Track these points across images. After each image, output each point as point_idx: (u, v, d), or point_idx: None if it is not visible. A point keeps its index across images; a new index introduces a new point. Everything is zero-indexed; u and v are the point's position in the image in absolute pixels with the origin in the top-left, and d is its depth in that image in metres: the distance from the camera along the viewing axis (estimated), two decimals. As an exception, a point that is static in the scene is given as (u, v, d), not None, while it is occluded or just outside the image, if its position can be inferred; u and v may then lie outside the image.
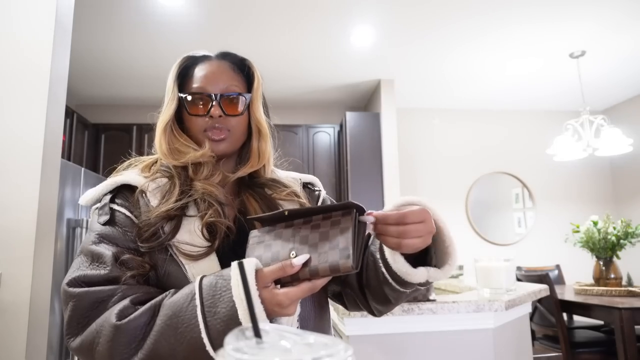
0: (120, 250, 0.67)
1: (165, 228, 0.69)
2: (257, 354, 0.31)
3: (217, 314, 0.55)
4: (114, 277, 0.64)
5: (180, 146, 0.78)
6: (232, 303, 0.55)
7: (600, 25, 3.25)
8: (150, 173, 0.78)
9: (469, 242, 4.81)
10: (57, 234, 2.57)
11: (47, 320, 1.49)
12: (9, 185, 1.41)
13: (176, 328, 0.56)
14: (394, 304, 0.76)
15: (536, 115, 5.14)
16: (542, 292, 1.89)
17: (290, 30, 3.27)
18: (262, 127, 0.83)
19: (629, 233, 2.78)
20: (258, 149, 0.83)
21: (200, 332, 0.55)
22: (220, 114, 0.77)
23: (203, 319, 0.55)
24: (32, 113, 1.47)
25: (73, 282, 0.64)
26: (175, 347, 0.56)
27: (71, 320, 0.62)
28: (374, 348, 1.41)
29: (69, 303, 0.62)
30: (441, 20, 3.15)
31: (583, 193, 5.08)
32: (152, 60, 3.66)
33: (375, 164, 4.18)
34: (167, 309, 0.58)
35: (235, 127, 0.80)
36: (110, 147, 4.25)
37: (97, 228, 0.70)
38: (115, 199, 0.74)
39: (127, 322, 0.58)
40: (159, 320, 0.58)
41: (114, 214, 0.71)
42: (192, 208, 0.73)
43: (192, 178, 0.76)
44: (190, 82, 0.80)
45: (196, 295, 0.57)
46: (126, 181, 0.75)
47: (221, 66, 0.81)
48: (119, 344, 0.57)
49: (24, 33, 1.51)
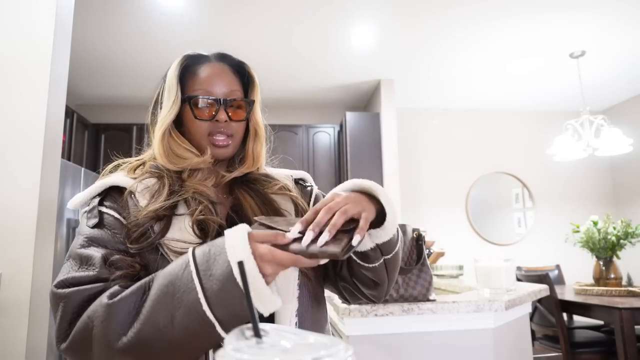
0: (109, 252, 0.66)
1: (155, 228, 0.69)
2: (257, 354, 0.31)
3: (213, 275, 0.56)
4: (104, 277, 0.63)
5: (181, 151, 0.78)
6: (227, 263, 0.55)
7: (600, 25, 3.25)
8: (137, 174, 0.76)
9: (469, 242, 4.81)
10: (57, 234, 2.57)
11: (47, 320, 1.49)
12: (9, 185, 1.41)
13: (173, 294, 0.57)
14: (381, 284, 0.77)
15: (536, 115, 5.14)
16: (542, 292, 1.89)
17: (290, 30, 3.27)
18: (260, 129, 0.84)
19: (629, 233, 2.78)
20: (253, 151, 0.84)
21: (197, 294, 0.55)
22: (226, 119, 0.78)
23: (199, 281, 0.56)
24: (32, 113, 1.47)
25: (61, 284, 0.62)
26: (172, 312, 0.56)
27: (62, 321, 0.61)
28: (374, 348, 1.41)
29: (58, 305, 0.61)
30: (441, 21, 3.15)
31: (583, 193, 5.08)
32: (152, 60, 3.66)
33: (375, 164, 4.18)
34: (162, 279, 0.59)
35: (237, 131, 0.81)
36: (110, 147, 4.25)
37: (86, 231, 0.69)
38: (103, 201, 0.73)
39: (118, 299, 0.58)
40: (153, 290, 0.58)
41: (102, 217, 0.70)
42: (182, 207, 0.72)
43: (184, 179, 0.76)
44: (191, 84, 0.79)
45: (190, 262, 0.58)
46: (114, 183, 0.74)
47: (222, 69, 0.81)
48: (114, 321, 0.57)
49: (24, 33, 1.51)
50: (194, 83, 0.79)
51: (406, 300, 1.41)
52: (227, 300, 0.55)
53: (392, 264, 0.76)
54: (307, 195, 0.90)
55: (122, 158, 0.84)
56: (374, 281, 0.76)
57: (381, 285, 0.77)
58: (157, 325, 0.56)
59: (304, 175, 0.94)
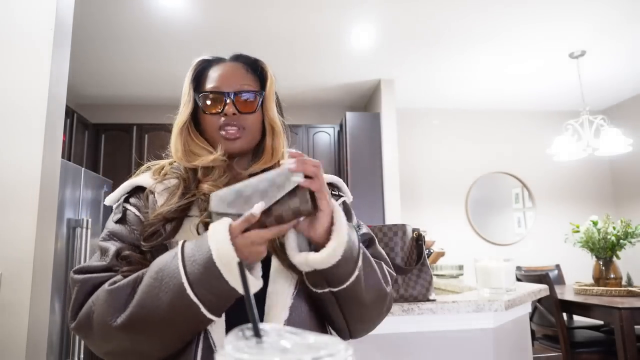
0: (124, 247, 0.73)
1: (167, 227, 0.73)
2: (257, 354, 0.31)
3: (196, 261, 0.62)
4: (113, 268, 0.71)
5: (195, 148, 0.81)
6: (208, 248, 0.61)
7: (600, 25, 3.25)
8: (160, 175, 0.81)
9: (469, 242, 4.81)
10: (57, 234, 2.57)
11: (47, 320, 1.49)
12: (9, 185, 1.41)
13: (161, 280, 0.63)
14: (335, 321, 0.75)
15: (536, 115, 5.14)
16: (542, 292, 1.88)
17: (290, 30, 3.27)
18: (276, 125, 0.85)
19: (628, 233, 2.78)
20: (272, 146, 0.84)
21: (181, 278, 0.61)
22: (234, 111, 0.79)
23: (183, 267, 0.62)
24: (32, 113, 1.47)
25: (78, 270, 0.71)
26: (160, 296, 0.62)
27: (74, 303, 0.69)
28: (374, 348, 1.41)
29: (74, 288, 0.69)
30: (441, 21, 3.15)
31: (583, 193, 5.08)
32: (152, 60, 3.66)
33: (375, 164, 4.18)
34: (154, 267, 0.65)
35: (250, 125, 0.81)
36: (110, 147, 4.25)
37: (110, 225, 0.77)
38: (130, 198, 0.80)
39: (117, 286, 0.65)
40: (145, 277, 0.65)
41: (125, 213, 0.77)
42: (195, 208, 0.76)
43: (200, 180, 0.78)
44: (205, 83, 0.82)
45: (178, 251, 0.64)
46: (139, 183, 0.80)
47: (235, 67, 0.84)
48: (112, 304, 0.64)
49: (24, 33, 1.51)
50: (207, 82, 0.82)
51: (406, 300, 1.41)
52: (208, 282, 0.60)
53: (347, 301, 0.70)
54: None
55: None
56: (340, 317, 0.72)
57: (336, 321, 0.74)
58: (147, 307, 0.62)
59: (335, 180, 0.90)
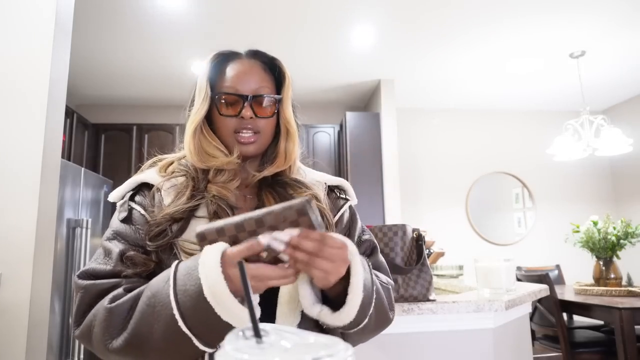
0: (128, 248, 0.70)
1: (173, 227, 0.71)
2: (257, 354, 0.31)
3: (187, 291, 0.58)
4: (117, 272, 0.68)
5: (210, 148, 0.78)
6: (199, 280, 0.57)
7: (600, 25, 3.25)
8: (167, 172, 0.78)
9: (469, 242, 4.81)
10: (57, 234, 2.57)
11: (47, 320, 1.49)
12: (9, 186, 1.41)
13: (154, 307, 0.60)
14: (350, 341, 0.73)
15: (536, 115, 5.14)
16: (542, 292, 1.88)
17: (290, 30, 3.27)
18: (291, 127, 0.82)
19: (629, 233, 2.78)
20: (285, 150, 0.82)
21: (173, 310, 0.58)
22: (251, 115, 0.76)
23: (174, 297, 0.58)
24: (32, 113, 1.47)
25: (83, 274, 0.69)
26: (152, 325, 0.59)
27: (78, 310, 0.67)
28: (374, 348, 1.41)
29: (78, 293, 0.67)
30: (441, 21, 3.15)
31: (583, 193, 5.08)
32: (152, 60, 3.66)
33: (375, 164, 4.18)
34: (148, 291, 0.62)
35: (265, 128, 0.79)
36: (110, 147, 4.25)
37: (114, 224, 0.74)
38: (135, 196, 0.76)
39: (116, 305, 0.63)
40: (140, 302, 0.62)
41: (131, 212, 0.74)
42: (203, 209, 0.73)
43: (209, 180, 0.76)
44: (221, 81, 0.79)
45: (171, 277, 0.60)
46: (144, 180, 0.77)
47: (252, 66, 0.81)
48: (110, 325, 0.62)
49: (24, 33, 1.51)
50: (224, 80, 0.79)
51: (406, 300, 1.41)
52: (200, 316, 0.57)
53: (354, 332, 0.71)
54: (337, 209, 0.85)
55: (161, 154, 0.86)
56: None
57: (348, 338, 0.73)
58: (141, 336, 0.60)
59: (341, 183, 0.88)
